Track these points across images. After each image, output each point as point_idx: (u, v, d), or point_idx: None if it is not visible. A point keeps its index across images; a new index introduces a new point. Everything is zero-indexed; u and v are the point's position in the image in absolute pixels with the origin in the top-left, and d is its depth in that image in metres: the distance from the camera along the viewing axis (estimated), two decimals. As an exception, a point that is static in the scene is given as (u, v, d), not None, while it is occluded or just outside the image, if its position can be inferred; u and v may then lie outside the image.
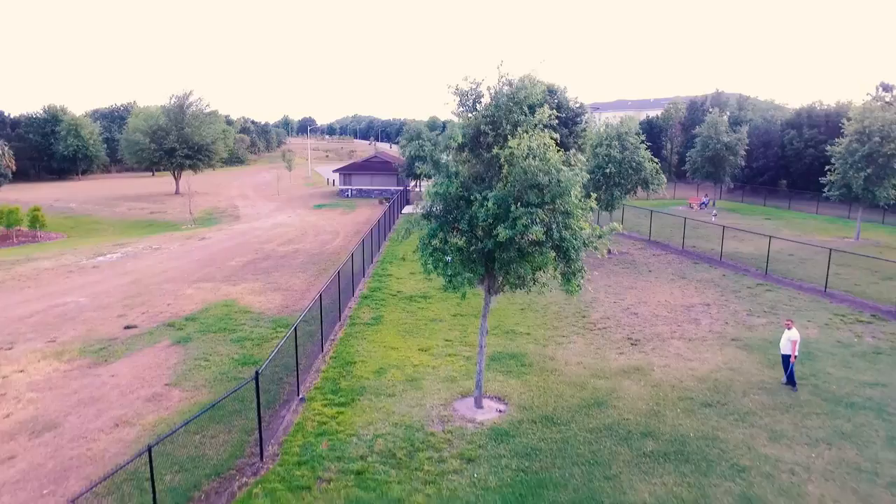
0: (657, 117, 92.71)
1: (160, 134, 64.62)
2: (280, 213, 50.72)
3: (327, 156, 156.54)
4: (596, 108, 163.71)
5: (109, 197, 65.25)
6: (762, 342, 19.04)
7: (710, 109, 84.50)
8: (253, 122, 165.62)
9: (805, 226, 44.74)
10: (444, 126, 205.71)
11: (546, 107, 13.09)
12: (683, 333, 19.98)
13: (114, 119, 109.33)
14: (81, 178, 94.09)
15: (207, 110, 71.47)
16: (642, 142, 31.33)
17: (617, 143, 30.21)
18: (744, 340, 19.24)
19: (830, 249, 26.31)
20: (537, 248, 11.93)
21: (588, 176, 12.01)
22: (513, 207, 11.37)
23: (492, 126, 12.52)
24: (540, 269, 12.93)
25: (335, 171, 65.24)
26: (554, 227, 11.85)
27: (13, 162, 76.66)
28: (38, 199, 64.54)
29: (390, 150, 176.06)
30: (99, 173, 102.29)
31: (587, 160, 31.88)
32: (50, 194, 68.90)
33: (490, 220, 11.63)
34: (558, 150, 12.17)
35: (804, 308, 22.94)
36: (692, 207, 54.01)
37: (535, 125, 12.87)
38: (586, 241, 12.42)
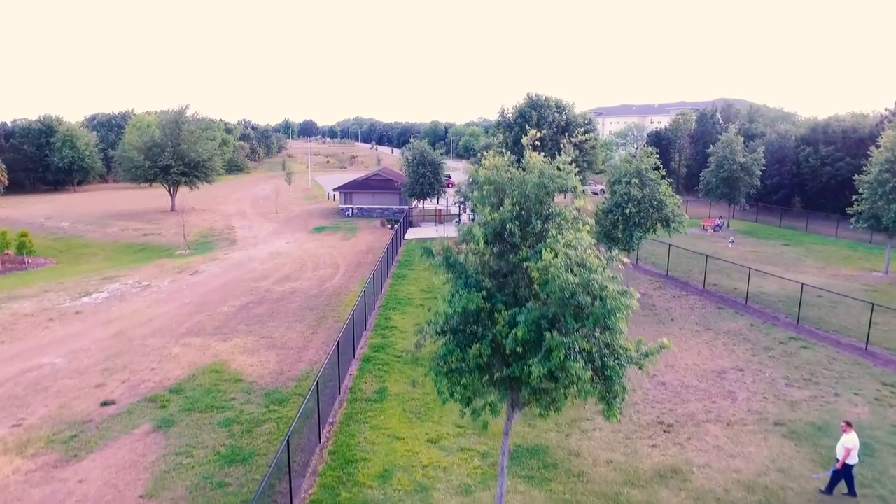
0: (665, 129, 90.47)
1: (155, 150, 62.63)
2: (278, 238, 48.74)
3: (328, 161, 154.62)
4: (600, 112, 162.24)
5: (103, 215, 63.31)
6: (809, 428, 17.07)
7: (721, 122, 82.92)
8: (253, 128, 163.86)
9: (828, 253, 42.68)
10: (445, 131, 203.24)
11: (581, 191, 11.15)
12: (720, 414, 18.00)
13: (111, 127, 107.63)
14: (77, 189, 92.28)
15: (204, 124, 69.47)
16: (663, 177, 29.32)
17: (637, 181, 28.19)
18: (788, 425, 17.25)
19: (873, 304, 24.24)
20: (574, 375, 9.96)
21: (637, 298, 9.99)
22: (547, 336, 9.39)
23: (519, 222, 10.56)
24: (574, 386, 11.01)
25: (336, 189, 63.26)
26: (594, 351, 9.91)
27: (5, 176, 75.01)
28: (29, 215, 62.79)
29: (391, 154, 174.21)
30: (96, 183, 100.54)
31: (605, 199, 29.95)
32: (42, 210, 67.08)
33: (519, 349, 9.66)
34: (597, 258, 10.19)
35: (847, 374, 20.95)
36: (706, 230, 52.00)
37: (569, 216, 10.93)
38: (631, 361, 10.46)
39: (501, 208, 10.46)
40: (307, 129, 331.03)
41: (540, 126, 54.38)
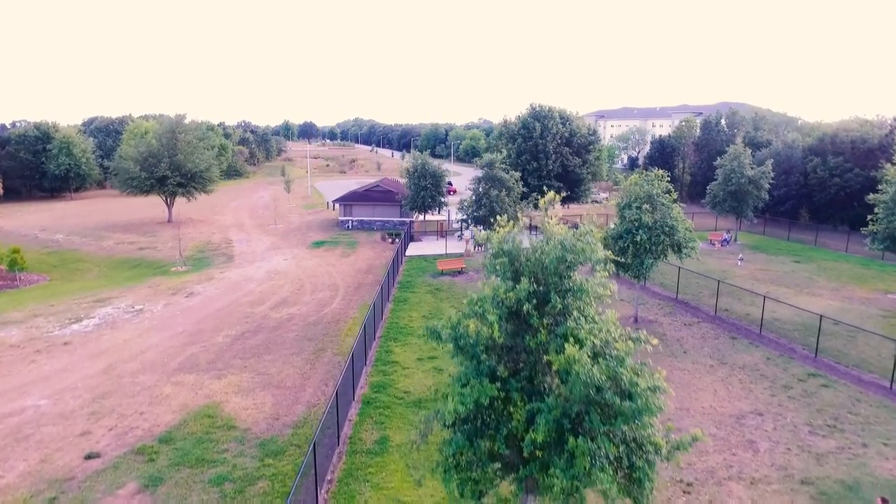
0: (669, 136, 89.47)
1: (151, 161, 61.54)
2: (276, 254, 47.65)
3: (328, 165, 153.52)
4: (601, 115, 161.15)
5: (98, 226, 62.25)
6: (838, 487, 16.02)
7: (726, 129, 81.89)
8: (252, 131, 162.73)
9: (840, 272, 41.55)
10: (446, 134, 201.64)
11: (602, 264, 10.08)
12: (742, 469, 16.95)
13: (109, 133, 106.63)
14: (74, 196, 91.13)
15: (202, 132, 68.39)
16: (674, 200, 28.24)
17: (648, 206, 27.10)
18: (816, 484, 16.20)
19: (895, 342, 23.21)
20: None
21: (666, 386, 8.94)
22: (570, 440, 8.34)
23: (536, 299, 9.50)
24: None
25: (335, 201, 62.19)
26: (622, 449, 8.86)
27: (1, 184, 74.03)
28: (24, 226, 61.80)
29: (392, 157, 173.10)
30: (93, 190, 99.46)
31: (615, 224, 28.86)
32: (37, 221, 66.05)
33: (539, 452, 8.61)
34: (624, 341, 9.13)
35: (873, 419, 19.90)
36: (713, 244, 50.91)
37: (589, 289, 9.86)
38: (661, 457, 9.42)
39: (518, 287, 9.39)
40: (307, 131, 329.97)
41: (543, 137, 53.36)
